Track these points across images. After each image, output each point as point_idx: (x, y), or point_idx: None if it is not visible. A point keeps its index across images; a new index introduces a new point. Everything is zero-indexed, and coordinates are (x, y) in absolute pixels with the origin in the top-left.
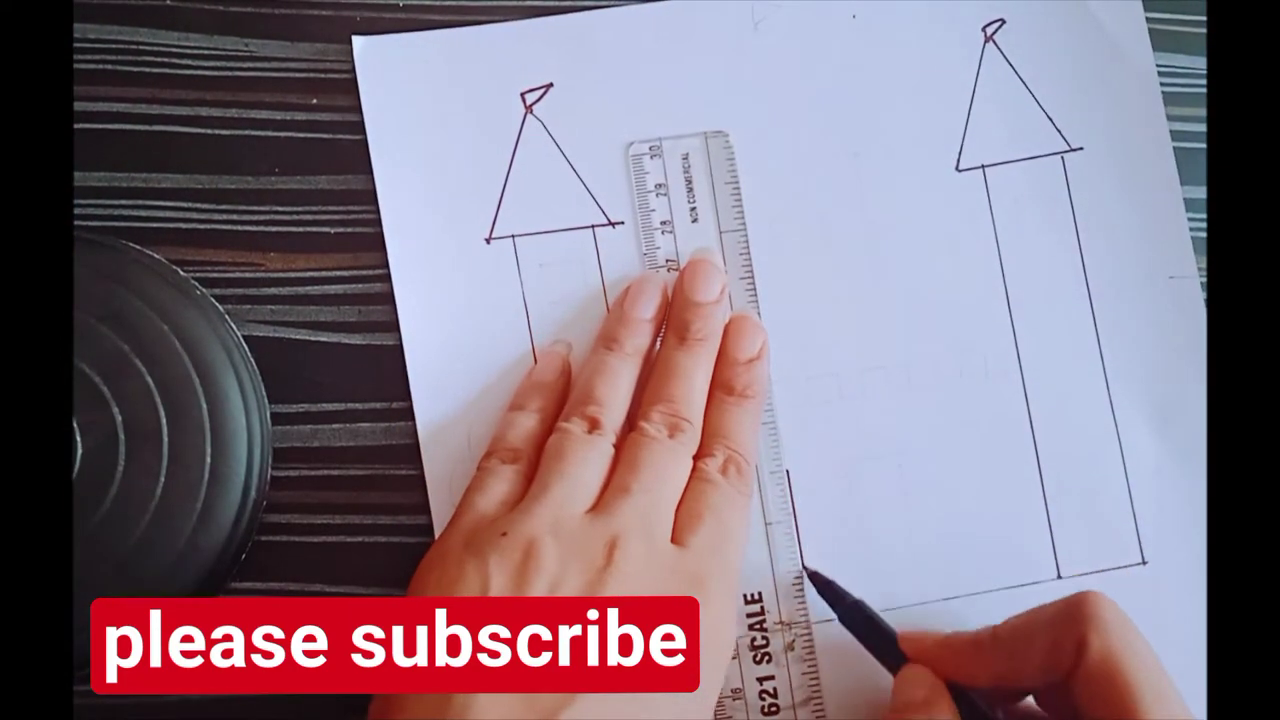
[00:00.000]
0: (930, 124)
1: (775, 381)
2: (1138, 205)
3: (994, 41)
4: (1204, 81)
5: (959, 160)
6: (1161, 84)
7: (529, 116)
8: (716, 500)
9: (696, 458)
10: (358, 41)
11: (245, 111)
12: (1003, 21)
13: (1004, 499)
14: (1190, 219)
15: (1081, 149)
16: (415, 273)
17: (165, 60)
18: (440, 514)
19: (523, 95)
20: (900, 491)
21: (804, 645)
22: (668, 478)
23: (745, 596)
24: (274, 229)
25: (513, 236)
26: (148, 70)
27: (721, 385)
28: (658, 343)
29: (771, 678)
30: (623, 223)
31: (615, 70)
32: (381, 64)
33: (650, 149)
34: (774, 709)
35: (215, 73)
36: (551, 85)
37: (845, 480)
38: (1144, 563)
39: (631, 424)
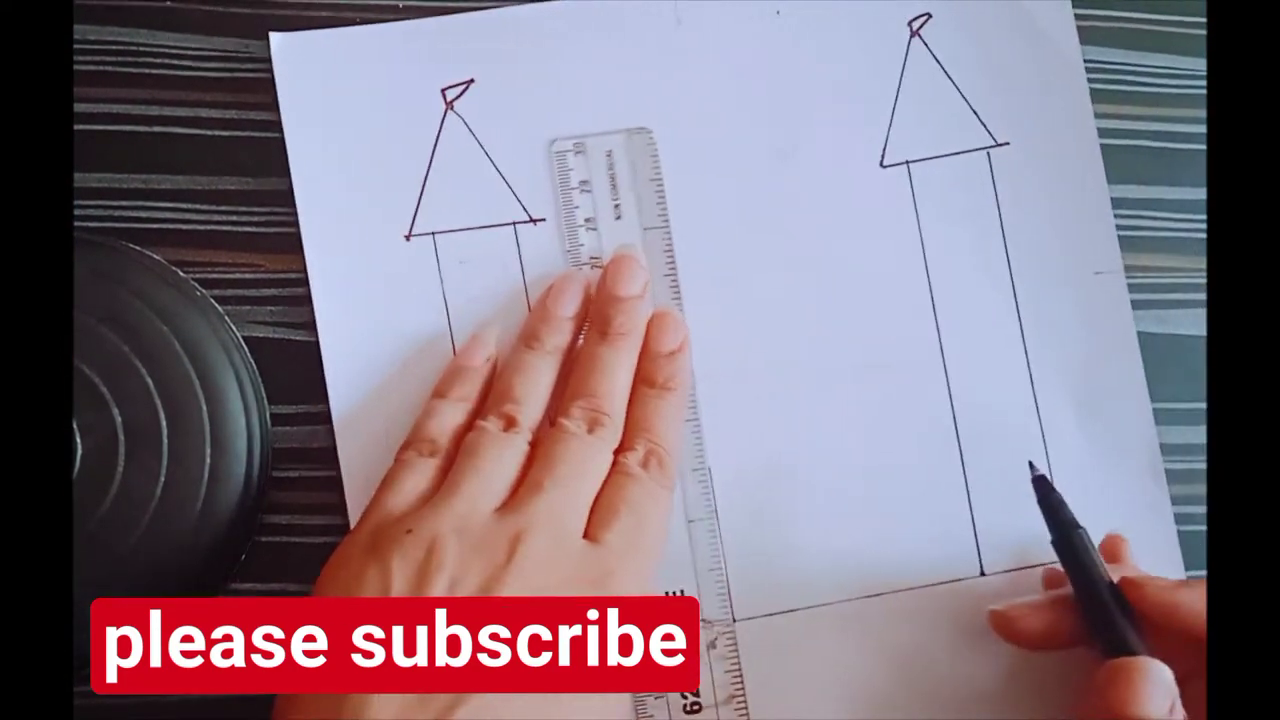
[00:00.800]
0: (855, 120)
1: (698, 378)
2: (1063, 201)
3: (919, 36)
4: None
5: (883, 156)
6: (1095, 80)
7: (449, 113)
8: (635, 494)
9: (617, 452)
10: (275, 38)
11: (245, 112)
12: (929, 16)
13: (926, 495)
14: (1116, 215)
15: (1007, 144)
16: (334, 270)
17: (165, 61)
18: (357, 513)
19: (443, 91)
20: (822, 488)
21: (726, 643)
22: (584, 473)
23: (667, 594)
24: (274, 229)
25: (433, 234)
26: (147, 71)
27: (644, 378)
28: (579, 341)
29: None
30: (545, 220)
31: (537, 67)
32: (299, 60)
33: (574, 146)
34: (696, 708)
35: (215, 73)
36: (473, 81)
37: (766, 476)
38: None
39: (552, 421)
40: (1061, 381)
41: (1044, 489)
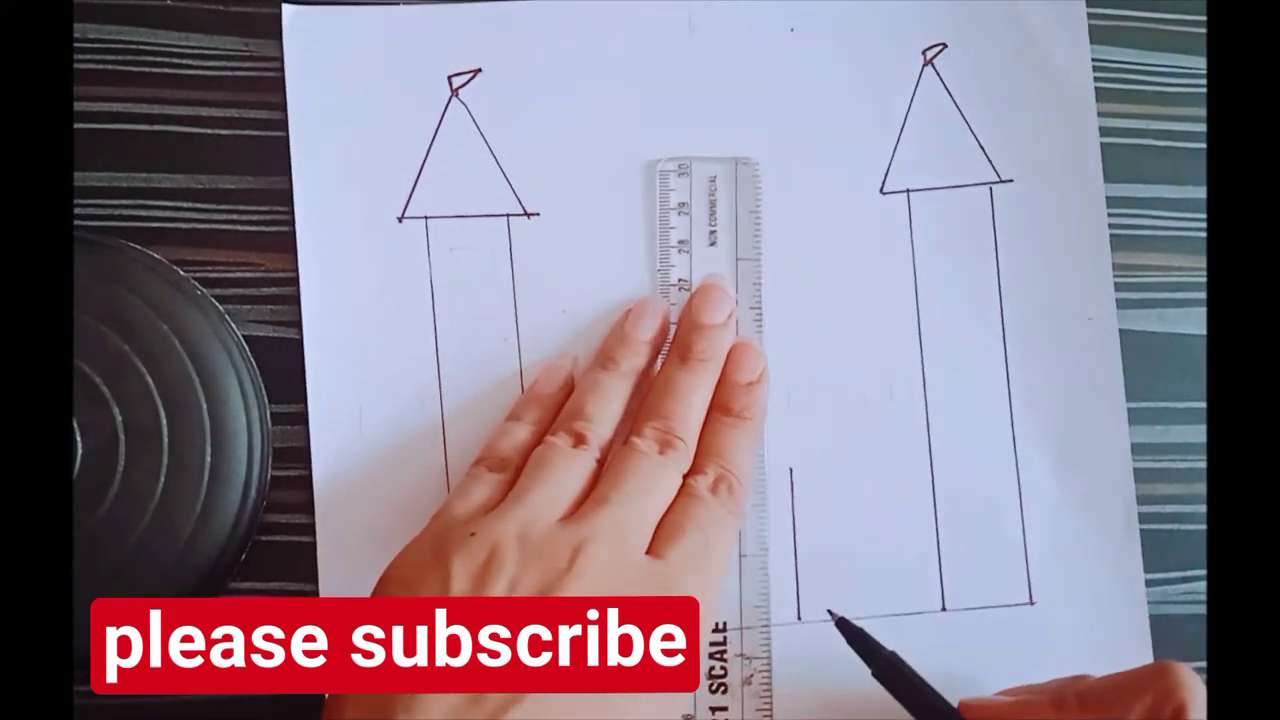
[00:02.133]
0: (859, 143)
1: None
2: (1062, 242)
3: (933, 66)
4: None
5: (884, 182)
6: (1099, 79)
7: (454, 100)
8: (702, 516)
9: (687, 476)
10: (287, 10)
11: (245, 111)
12: (944, 46)
13: (895, 527)
14: (1119, 213)
15: (1011, 181)
16: (323, 245)
17: (165, 60)
18: (323, 479)
19: (450, 78)
20: (791, 511)
21: (761, 681)
22: (651, 491)
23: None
24: (274, 229)
25: (425, 218)
26: (148, 70)
27: (720, 406)
28: (656, 366)
29: (725, 709)
30: (538, 214)
31: (546, 63)
32: (308, 34)
33: (678, 167)
34: None
35: (215, 73)
36: (480, 71)
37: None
38: (1032, 603)
39: (625, 442)
40: (1043, 425)
41: (848, 629)
